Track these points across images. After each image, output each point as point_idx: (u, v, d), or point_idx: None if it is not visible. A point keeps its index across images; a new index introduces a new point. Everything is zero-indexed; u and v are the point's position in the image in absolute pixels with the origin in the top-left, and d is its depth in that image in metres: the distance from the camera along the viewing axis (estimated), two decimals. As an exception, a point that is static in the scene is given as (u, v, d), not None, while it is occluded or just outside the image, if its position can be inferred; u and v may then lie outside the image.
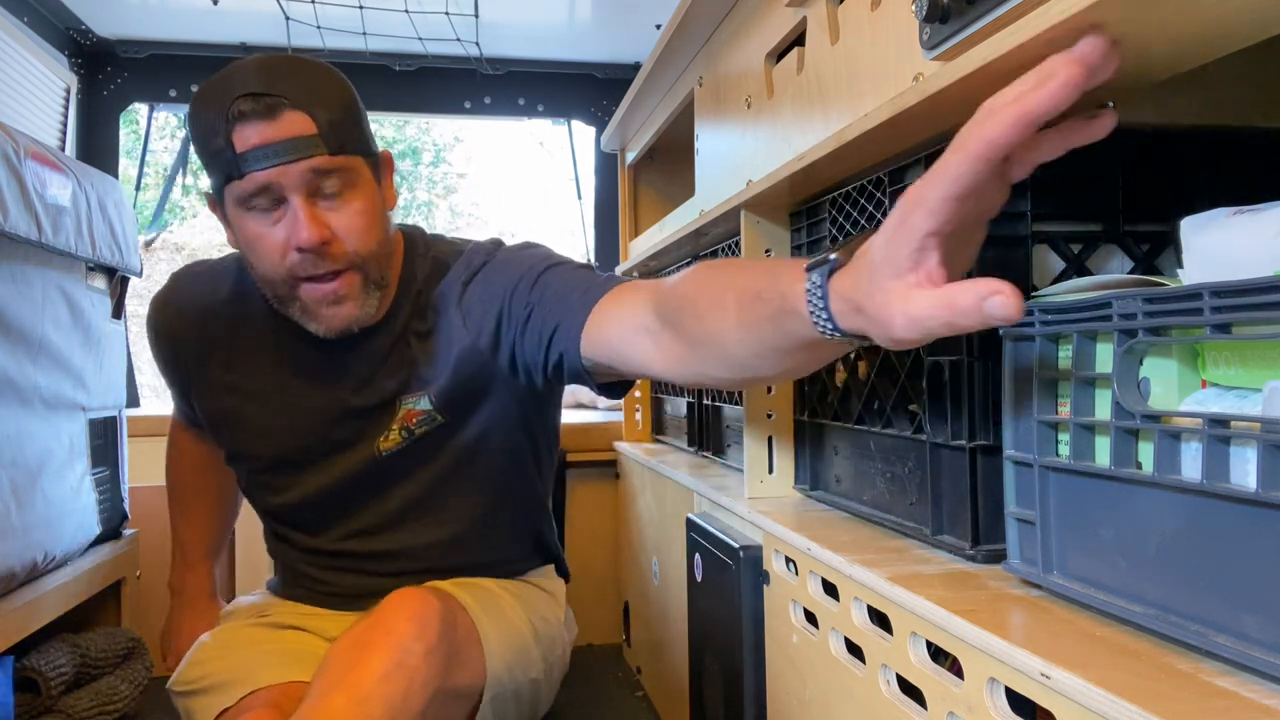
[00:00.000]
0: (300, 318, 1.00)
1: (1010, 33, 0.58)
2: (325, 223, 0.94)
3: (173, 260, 7.08)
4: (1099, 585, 0.58)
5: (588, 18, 2.11)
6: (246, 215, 0.95)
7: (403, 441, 1.09)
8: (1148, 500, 0.52)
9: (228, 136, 0.91)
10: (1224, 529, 0.48)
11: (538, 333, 0.96)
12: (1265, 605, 0.46)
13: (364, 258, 0.98)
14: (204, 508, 1.33)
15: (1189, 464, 0.50)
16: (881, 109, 0.75)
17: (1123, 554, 0.55)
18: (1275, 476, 0.45)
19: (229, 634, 1.11)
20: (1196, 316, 0.47)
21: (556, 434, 1.29)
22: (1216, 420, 0.47)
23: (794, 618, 0.92)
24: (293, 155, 0.91)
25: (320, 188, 0.94)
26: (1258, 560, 0.46)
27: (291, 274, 0.96)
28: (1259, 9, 0.52)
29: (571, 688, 1.30)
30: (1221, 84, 0.76)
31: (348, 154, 0.96)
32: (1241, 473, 0.47)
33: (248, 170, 0.91)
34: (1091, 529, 0.58)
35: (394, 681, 0.87)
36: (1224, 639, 0.48)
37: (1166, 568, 0.52)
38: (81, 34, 2.08)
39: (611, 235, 2.31)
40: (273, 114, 0.91)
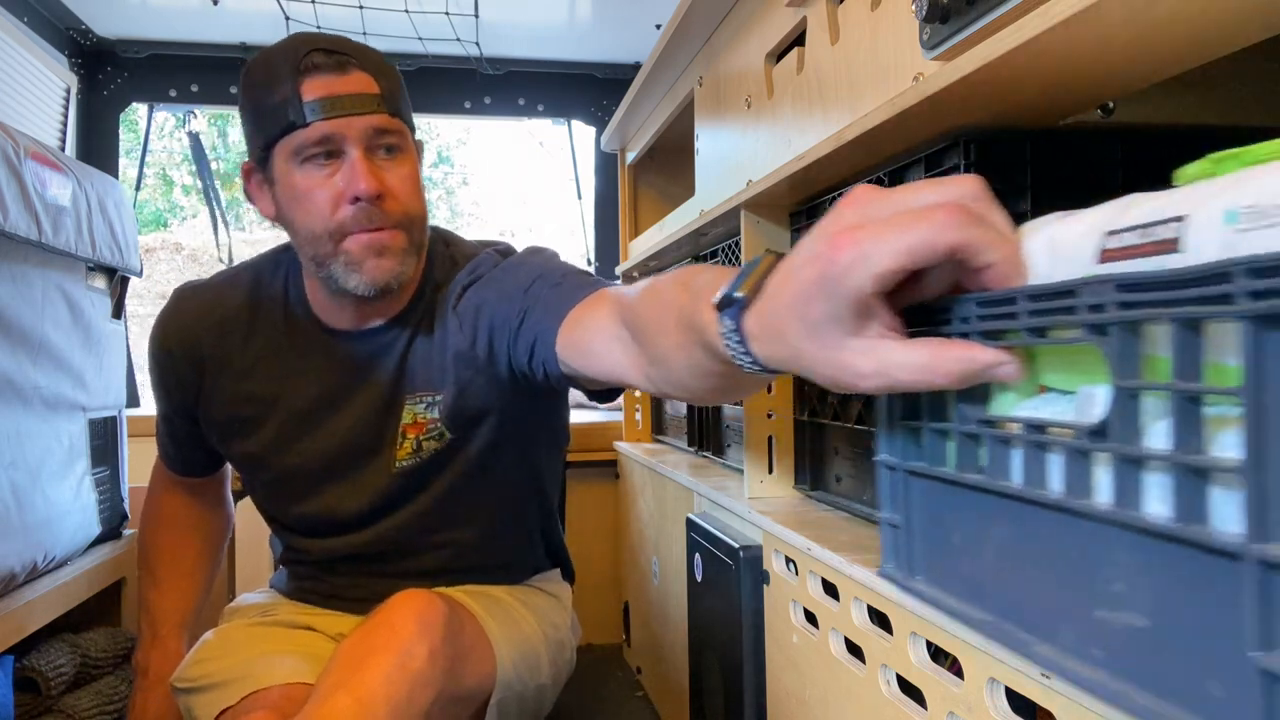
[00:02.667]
0: (342, 274, 0.99)
1: (1010, 33, 0.58)
2: (382, 178, 0.97)
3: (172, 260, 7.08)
4: (950, 591, 0.56)
5: (588, 18, 2.11)
6: (300, 168, 0.97)
7: (413, 457, 1.08)
8: (985, 506, 0.51)
9: (295, 87, 0.94)
10: (1043, 536, 0.47)
11: (527, 340, 0.96)
12: (1075, 614, 0.45)
13: (410, 219, 1.01)
14: (179, 575, 1.26)
15: (1015, 470, 0.49)
16: (881, 109, 0.75)
17: (968, 560, 0.54)
18: (1079, 483, 0.44)
19: (232, 632, 1.11)
20: (1013, 320, 0.46)
21: (566, 434, 1.29)
22: (1034, 426, 0.46)
23: (794, 618, 0.92)
24: (358, 109, 0.95)
25: (377, 146, 0.98)
26: (1071, 568, 0.45)
27: (341, 228, 0.97)
28: (1258, 9, 0.52)
29: (572, 688, 1.30)
30: (1221, 84, 0.76)
31: (402, 120, 1.01)
32: (1055, 479, 0.46)
33: (313, 119, 0.94)
34: (944, 535, 0.56)
35: (398, 682, 0.87)
36: (1043, 649, 0.47)
37: (1000, 575, 0.51)
38: (81, 34, 2.08)
39: (611, 235, 2.31)
40: (342, 70, 0.96)
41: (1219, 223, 0.36)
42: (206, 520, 1.30)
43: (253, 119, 0.99)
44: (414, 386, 1.08)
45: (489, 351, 1.03)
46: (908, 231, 0.42)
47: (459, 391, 1.06)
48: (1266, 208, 0.34)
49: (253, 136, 1.00)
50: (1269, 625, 0.34)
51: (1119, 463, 0.41)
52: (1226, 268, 0.33)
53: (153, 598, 1.25)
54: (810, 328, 0.47)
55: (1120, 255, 0.41)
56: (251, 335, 1.11)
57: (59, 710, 1.28)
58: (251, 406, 1.11)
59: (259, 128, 0.99)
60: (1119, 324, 0.40)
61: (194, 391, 1.13)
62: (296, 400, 1.10)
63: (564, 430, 1.29)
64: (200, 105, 2.26)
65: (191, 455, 1.23)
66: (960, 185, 0.45)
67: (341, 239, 0.98)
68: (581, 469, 1.96)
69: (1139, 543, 0.40)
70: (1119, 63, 0.61)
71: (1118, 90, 0.69)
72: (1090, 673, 0.43)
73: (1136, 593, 0.40)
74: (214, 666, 1.05)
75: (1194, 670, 0.37)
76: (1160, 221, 0.39)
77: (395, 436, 1.08)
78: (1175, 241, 0.38)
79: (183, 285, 1.18)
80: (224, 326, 1.11)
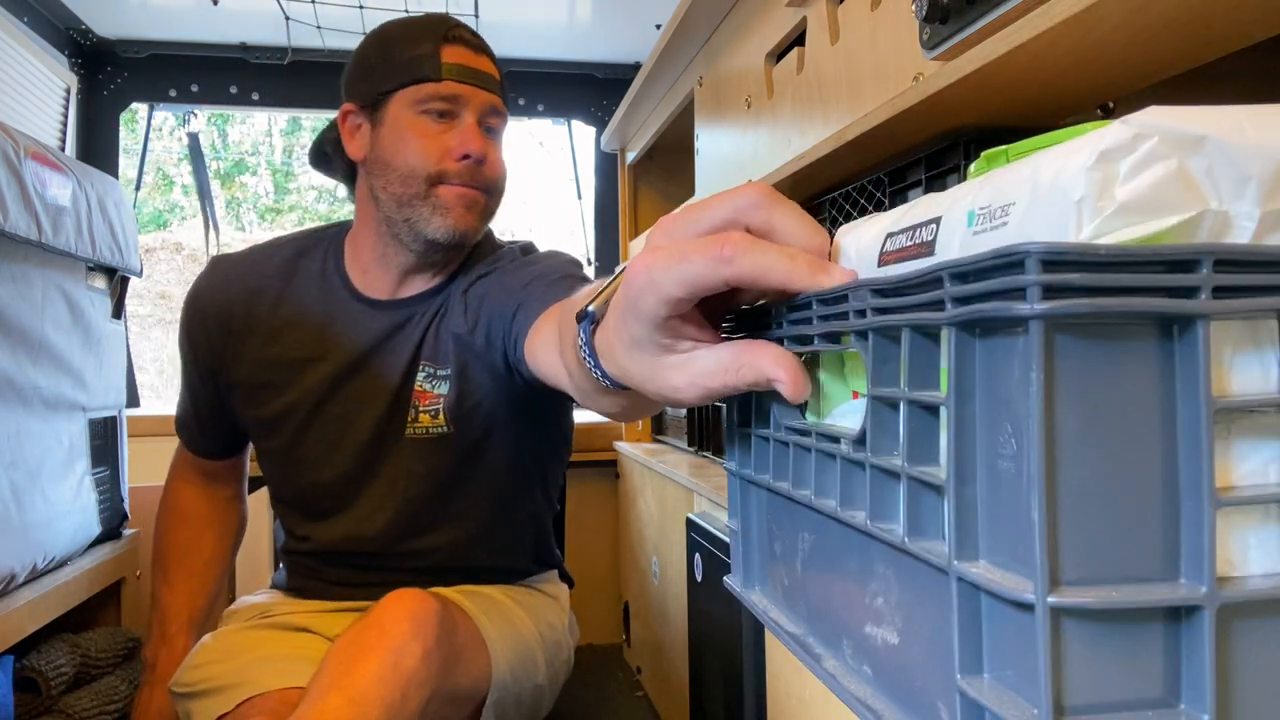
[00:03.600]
0: (427, 215, 1.07)
1: (1010, 33, 0.58)
2: (485, 147, 1.08)
3: (172, 260, 7.07)
4: (775, 602, 0.53)
5: (588, 18, 2.11)
6: (418, 116, 1.07)
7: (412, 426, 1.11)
8: (794, 515, 0.49)
9: (437, 47, 1.07)
10: (829, 548, 0.45)
11: (514, 336, 0.98)
12: (852, 630, 0.43)
13: (497, 191, 1.12)
14: (191, 573, 1.27)
15: (811, 479, 0.46)
16: (881, 109, 0.75)
17: (786, 571, 0.51)
18: (850, 494, 0.41)
19: (230, 636, 1.11)
20: (808, 326, 0.44)
21: (568, 444, 1.30)
22: (825, 435, 0.44)
23: (794, 618, 0.92)
24: (486, 85, 1.09)
25: (487, 121, 1.10)
26: (847, 581, 0.43)
27: (440, 175, 1.06)
28: (1257, 9, 0.52)
29: (572, 688, 1.30)
30: (1221, 84, 0.76)
31: (508, 110, 1.14)
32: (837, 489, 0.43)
33: (449, 77, 1.06)
34: (770, 544, 0.54)
35: (390, 682, 0.87)
36: (831, 664, 0.44)
37: (805, 586, 0.49)
38: (81, 34, 2.08)
39: (611, 235, 2.31)
40: (480, 51, 1.11)
41: (962, 224, 0.34)
42: (221, 516, 1.31)
43: (377, 66, 1.09)
44: (425, 354, 1.12)
45: (486, 341, 1.07)
46: (685, 263, 0.41)
47: (459, 376, 1.10)
48: (993, 208, 0.32)
49: (370, 81, 1.09)
50: (972, 648, 0.32)
51: (874, 473, 0.39)
52: (937, 272, 0.32)
53: (164, 594, 1.26)
54: (627, 347, 0.46)
55: (893, 258, 0.39)
56: (281, 301, 1.15)
57: (59, 710, 1.28)
58: (275, 370, 1.14)
59: (384, 74, 1.08)
60: (876, 330, 0.38)
61: (220, 353, 1.16)
62: (319, 367, 1.12)
63: (566, 439, 1.29)
64: (200, 105, 2.25)
65: (214, 431, 1.24)
66: (743, 196, 0.43)
67: (436, 184, 1.07)
68: (581, 469, 1.96)
69: (890, 556, 0.38)
70: (1119, 63, 0.61)
71: (1118, 90, 0.69)
72: (859, 690, 0.41)
73: (891, 608, 0.39)
74: (211, 671, 1.05)
75: (933, 691, 0.35)
76: (922, 224, 0.38)
77: (406, 407, 1.11)
78: (931, 244, 0.36)
79: (218, 255, 1.24)
80: (256, 291, 1.16)
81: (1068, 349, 0.28)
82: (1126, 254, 0.27)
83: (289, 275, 1.17)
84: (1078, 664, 0.29)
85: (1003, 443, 0.30)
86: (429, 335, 1.12)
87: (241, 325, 1.15)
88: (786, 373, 0.42)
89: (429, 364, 1.12)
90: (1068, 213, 0.29)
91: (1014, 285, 0.28)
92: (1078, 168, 0.29)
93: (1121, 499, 0.29)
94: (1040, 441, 0.28)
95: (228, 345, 1.16)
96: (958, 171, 0.77)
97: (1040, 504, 0.28)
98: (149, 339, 6.64)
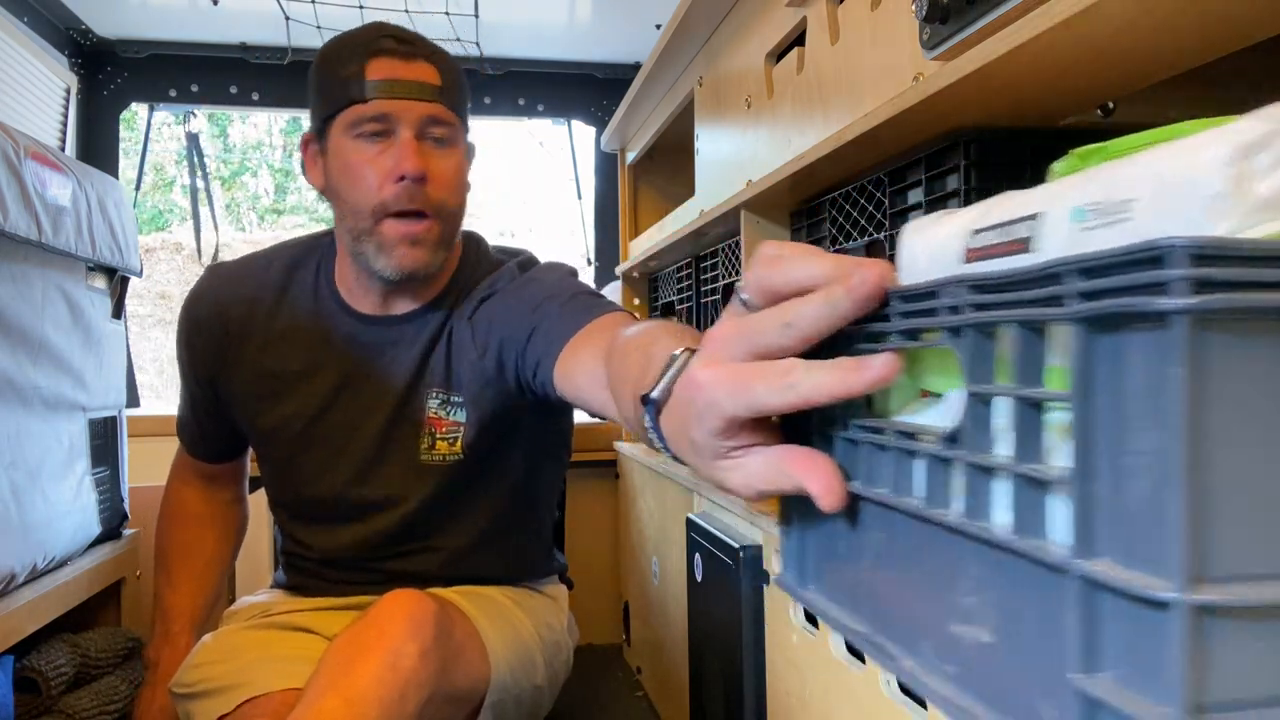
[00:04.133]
0: (374, 255, 1.03)
1: (1010, 33, 0.58)
2: (427, 163, 1.01)
3: (172, 260, 7.07)
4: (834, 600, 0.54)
5: (588, 18, 2.11)
6: (353, 141, 1.01)
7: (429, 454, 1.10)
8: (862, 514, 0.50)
9: (363, 64, 1.00)
10: (908, 546, 0.45)
11: (532, 359, 0.99)
12: (934, 628, 0.43)
13: (448, 210, 1.05)
14: (193, 573, 1.26)
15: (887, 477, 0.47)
16: (881, 109, 0.75)
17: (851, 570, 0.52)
18: (938, 491, 0.41)
19: (230, 636, 1.11)
20: (886, 322, 0.44)
21: (569, 446, 1.30)
22: (904, 433, 0.44)
23: (794, 618, 0.92)
24: (417, 95, 1.01)
25: (428, 133, 1.02)
26: (930, 580, 0.43)
27: (383, 206, 1.01)
28: (1257, 9, 0.52)
29: (571, 688, 1.30)
30: (1221, 84, 0.76)
31: (458, 115, 1.05)
32: (919, 486, 0.44)
33: (373, 96, 0.99)
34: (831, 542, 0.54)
35: (388, 683, 0.86)
36: (908, 663, 0.44)
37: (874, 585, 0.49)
38: (81, 34, 2.08)
39: (611, 235, 2.31)
40: (409, 57, 1.02)
41: (1066, 220, 0.34)
42: (223, 516, 1.31)
43: (318, 92, 1.04)
44: (433, 382, 1.10)
45: (498, 365, 1.06)
46: (748, 392, 0.43)
47: (478, 413, 1.09)
48: (1109, 204, 0.32)
49: (315, 109, 1.06)
50: (1090, 645, 0.32)
51: (969, 470, 0.39)
52: (1057, 268, 0.32)
53: (166, 594, 1.26)
54: (689, 448, 0.49)
55: (982, 255, 0.39)
56: (277, 311, 1.14)
57: (59, 710, 1.28)
58: (271, 381, 1.13)
59: (322, 100, 1.04)
60: (973, 325, 0.38)
61: (218, 361, 1.15)
62: (316, 380, 1.12)
63: (567, 443, 1.30)
64: (200, 105, 2.25)
65: (214, 435, 1.24)
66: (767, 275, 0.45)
67: (381, 218, 1.02)
68: (581, 469, 1.96)
69: (985, 555, 0.38)
70: (1119, 63, 0.61)
71: (1118, 90, 0.69)
72: (944, 689, 0.41)
73: (985, 607, 0.38)
74: (211, 671, 1.05)
75: (1032, 690, 0.35)
76: (1016, 220, 0.37)
77: (415, 428, 1.10)
78: (1028, 241, 0.36)
79: (215, 263, 1.23)
80: (252, 300, 1.14)
81: (1215, 344, 0.28)
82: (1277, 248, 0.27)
83: (284, 286, 1.15)
84: (1218, 661, 0.28)
85: (1131, 439, 0.30)
86: (434, 359, 1.10)
87: (238, 333, 1.14)
88: (820, 485, 0.44)
89: (441, 390, 1.10)
90: (1201, 208, 0.28)
91: (1157, 280, 0.27)
92: (1212, 162, 0.28)
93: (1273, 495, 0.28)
94: (1186, 437, 0.28)
95: (225, 353, 1.15)
96: (958, 171, 0.77)
97: (1184, 501, 0.28)
98: (149, 339, 6.64)
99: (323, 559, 1.17)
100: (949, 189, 0.78)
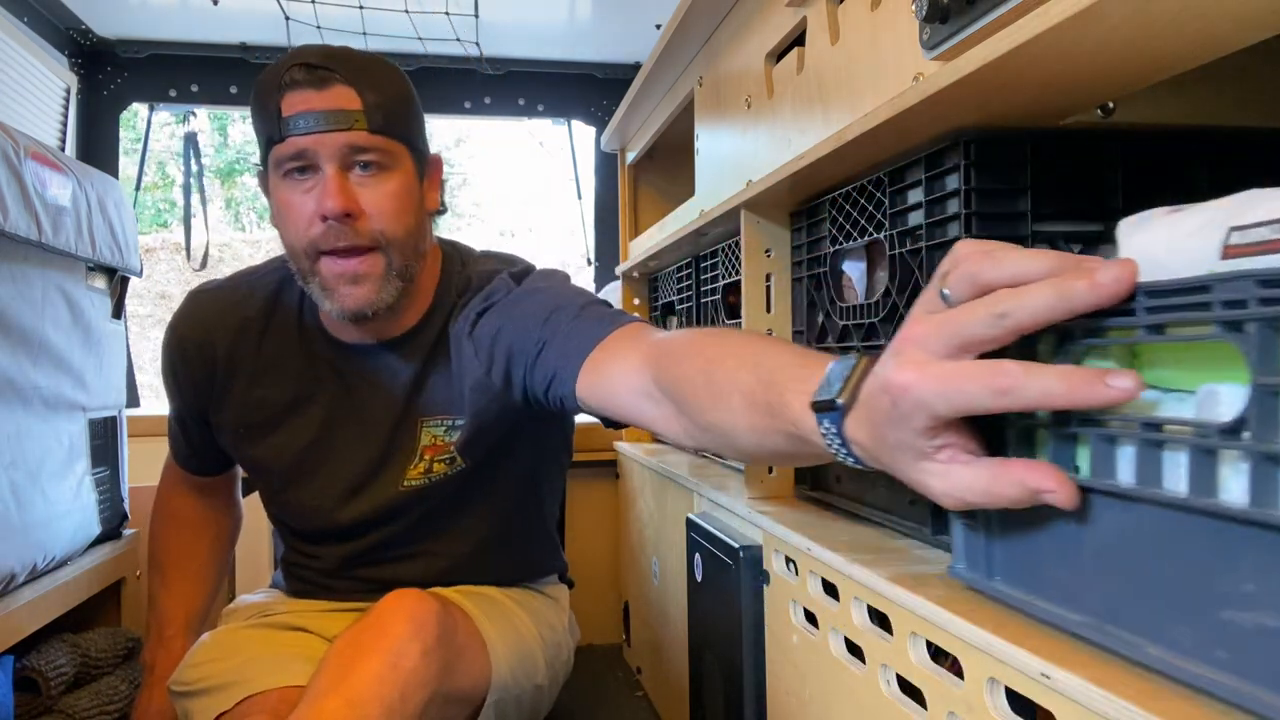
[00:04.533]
0: (319, 295, 1.00)
1: (1010, 33, 0.58)
2: (354, 196, 0.96)
3: (172, 260, 7.08)
4: (1038, 592, 0.56)
5: (588, 18, 2.11)
6: (283, 182, 0.97)
7: (423, 478, 1.09)
8: (1085, 506, 0.51)
9: (278, 102, 0.94)
10: (1157, 535, 0.47)
11: (544, 373, 0.96)
12: (1195, 615, 0.44)
13: (389, 239, 0.98)
14: (187, 575, 1.25)
15: (1124, 469, 0.49)
16: (881, 109, 0.75)
17: (1061, 561, 0.53)
18: (1206, 482, 0.43)
19: (229, 635, 1.11)
20: (1130, 317, 0.46)
21: (570, 450, 1.30)
22: (1150, 424, 0.46)
23: (794, 618, 0.92)
24: (332, 125, 0.94)
25: (355, 163, 0.96)
26: (1190, 568, 0.45)
27: (314, 245, 0.96)
28: (1259, 9, 0.52)
29: (571, 688, 1.30)
30: (1221, 84, 0.76)
31: (390, 137, 0.97)
32: (1174, 478, 0.45)
33: (288, 134, 0.94)
34: (1032, 535, 0.56)
35: (389, 683, 0.86)
36: (1157, 650, 0.47)
37: (1102, 576, 0.50)
38: (81, 34, 2.08)
39: (611, 235, 2.31)
40: (321, 85, 0.94)
41: None
42: (216, 520, 1.30)
43: (255, 130, 1.01)
44: (433, 409, 1.07)
45: (505, 379, 1.02)
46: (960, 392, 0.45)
47: (476, 421, 1.06)
48: None
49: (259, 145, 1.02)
50: None
51: (1256, 460, 0.41)
52: None
53: (160, 597, 1.25)
54: (890, 449, 0.50)
55: (1248, 251, 0.41)
56: (265, 340, 1.11)
57: (59, 710, 1.28)
58: (262, 412, 1.11)
59: (258, 141, 1.00)
60: (1259, 320, 0.40)
61: (206, 393, 1.13)
62: (305, 411, 1.10)
63: (568, 447, 1.30)
64: (200, 105, 2.25)
65: (204, 453, 1.24)
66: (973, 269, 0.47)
67: (317, 258, 0.97)
68: (581, 469, 1.96)
69: (1275, 542, 0.40)
70: (1119, 63, 0.61)
71: (1118, 90, 0.69)
72: (1212, 674, 0.43)
73: (1271, 593, 0.40)
74: (210, 669, 1.05)
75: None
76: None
77: (408, 455, 1.09)
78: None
79: (198, 286, 1.18)
80: (239, 329, 1.11)
81: None
82: None
83: (270, 313, 1.12)
84: None
85: None
86: (432, 384, 1.07)
87: (225, 367, 1.11)
88: (1057, 485, 0.45)
89: (444, 418, 1.07)
90: None
91: None
92: None
93: None
94: None
95: (213, 386, 1.12)
96: (957, 171, 0.77)
97: None
98: (149, 339, 6.64)
99: (323, 570, 1.17)
100: (949, 189, 0.78)
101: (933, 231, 0.81)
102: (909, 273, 0.85)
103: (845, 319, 0.99)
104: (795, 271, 1.13)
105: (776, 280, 1.16)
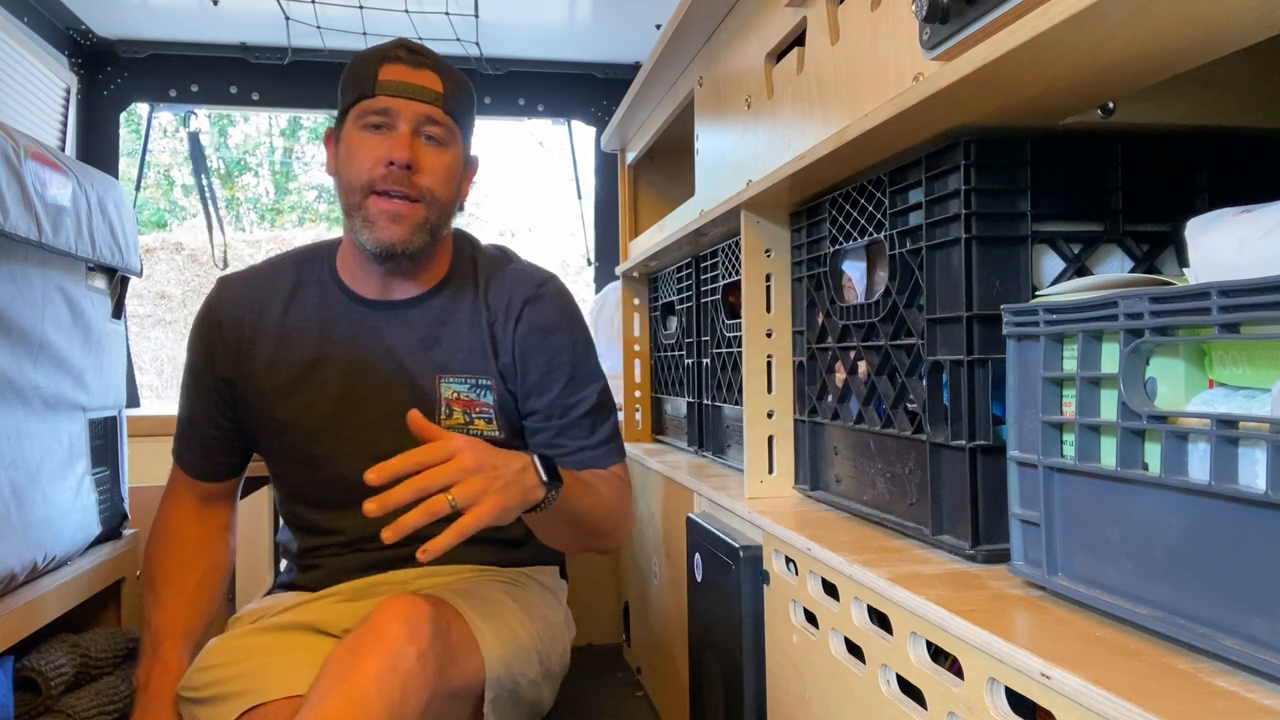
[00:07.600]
0: (360, 227, 1.14)
1: (1010, 33, 0.58)
2: (419, 154, 1.13)
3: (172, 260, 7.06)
4: (1104, 587, 0.57)
5: (588, 18, 2.11)
6: (359, 131, 1.14)
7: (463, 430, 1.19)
8: (1154, 501, 0.52)
9: (378, 66, 1.14)
10: (1232, 530, 0.47)
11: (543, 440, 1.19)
12: (1273, 607, 0.46)
13: (433, 197, 1.15)
14: (182, 593, 1.24)
15: (1196, 465, 0.49)
16: (881, 109, 0.75)
17: (1128, 556, 0.55)
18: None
19: (238, 640, 1.11)
20: (1204, 316, 0.47)
21: None
22: (1225, 421, 0.47)
23: (794, 618, 0.92)
24: (418, 96, 1.13)
25: (424, 131, 1.14)
26: (1266, 562, 0.46)
27: (371, 184, 1.12)
28: (1259, 9, 0.52)
29: (571, 688, 1.30)
30: (1221, 84, 0.76)
31: (455, 121, 1.17)
32: (1250, 474, 0.46)
33: (381, 92, 1.13)
34: (1096, 530, 0.57)
35: (389, 684, 0.89)
36: (1231, 641, 0.48)
37: (1173, 570, 0.52)
38: (81, 34, 2.08)
39: (611, 235, 2.31)
40: (417, 66, 1.15)
41: None
42: (212, 545, 1.30)
43: (341, 92, 1.18)
44: (450, 367, 1.19)
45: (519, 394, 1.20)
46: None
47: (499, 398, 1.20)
48: None
49: (339, 106, 1.18)
50: None
51: None
52: None
53: (154, 614, 1.24)
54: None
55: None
56: (290, 307, 1.23)
57: (59, 710, 1.28)
58: (287, 373, 1.20)
59: (342, 98, 1.17)
60: None
61: (235, 360, 1.22)
62: (326, 368, 1.20)
63: None
64: (200, 105, 2.25)
65: (215, 452, 1.25)
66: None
67: (369, 195, 1.12)
68: (581, 469, 1.96)
69: None
70: (1119, 63, 0.61)
71: (1118, 90, 0.69)
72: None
73: None
74: (218, 675, 1.05)
75: None
76: None
77: (428, 406, 1.17)
78: None
79: (225, 274, 1.30)
80: (266, 302, 1.23)
81: None
82: None
83: (293, 286, 1.24)
84: None
85: None
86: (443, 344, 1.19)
87: (252, 335, 1.22)
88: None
89: (464, 376, 1.20)
90: None
91: None
92: None
93: None
94: None
95: (241, 353, 1.22)
96: (957, 171, 0.77)
97: None
98: (149, 339, 6.64)
99: (349, 541, 1.19)
100: (949, 189, 0.78)
101: (933, 232, 0.81)
102: (909, 273, 0.85)
103: (845, 319, 0.99)
104: (795, 271, 1.13)
105: (776, 280, 1.16)
